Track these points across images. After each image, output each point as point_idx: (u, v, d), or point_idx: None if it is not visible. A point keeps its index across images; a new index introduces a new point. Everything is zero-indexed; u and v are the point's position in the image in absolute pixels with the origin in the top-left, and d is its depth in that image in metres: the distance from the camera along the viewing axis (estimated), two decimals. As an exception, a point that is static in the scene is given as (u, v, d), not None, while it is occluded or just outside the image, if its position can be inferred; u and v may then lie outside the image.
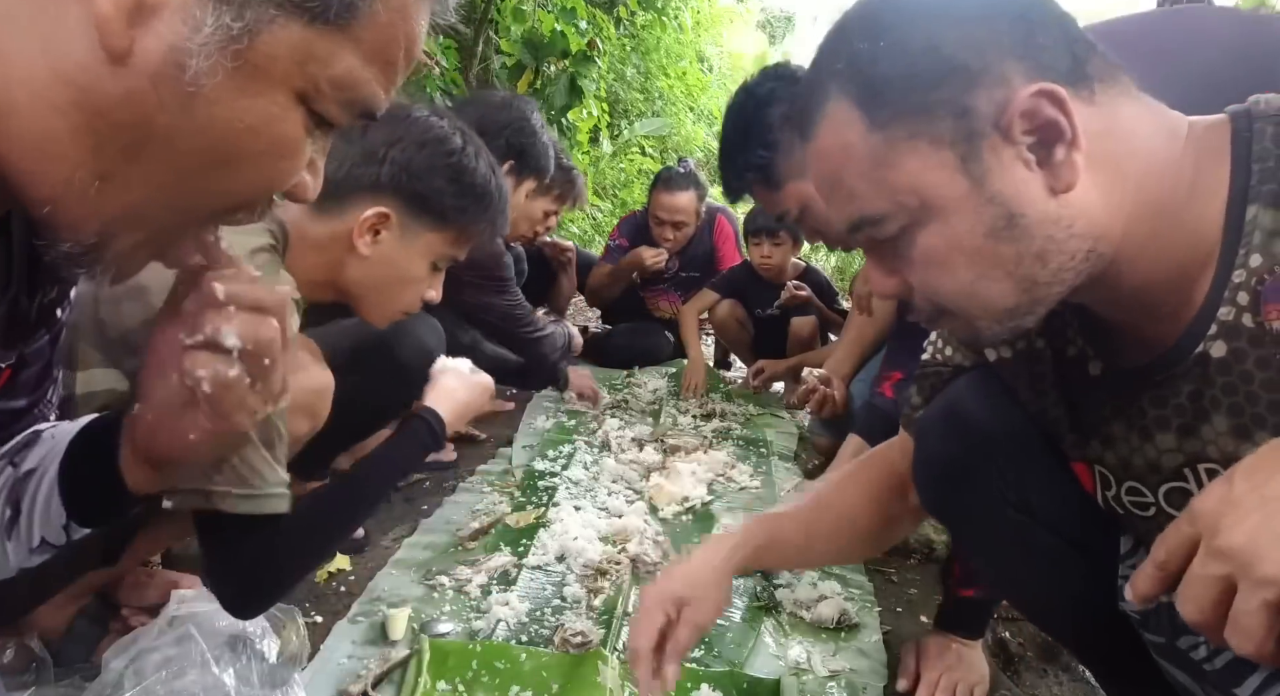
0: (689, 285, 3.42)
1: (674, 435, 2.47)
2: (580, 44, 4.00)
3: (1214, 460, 0.77)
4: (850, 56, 0.71)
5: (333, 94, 0.54)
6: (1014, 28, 0.68)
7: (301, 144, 0.56)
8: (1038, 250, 0.70)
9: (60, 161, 0.51)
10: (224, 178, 0.54)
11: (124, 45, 0.48)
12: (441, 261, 1.34)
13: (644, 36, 6.76)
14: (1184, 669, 0.93)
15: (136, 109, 0.50)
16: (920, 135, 0.69)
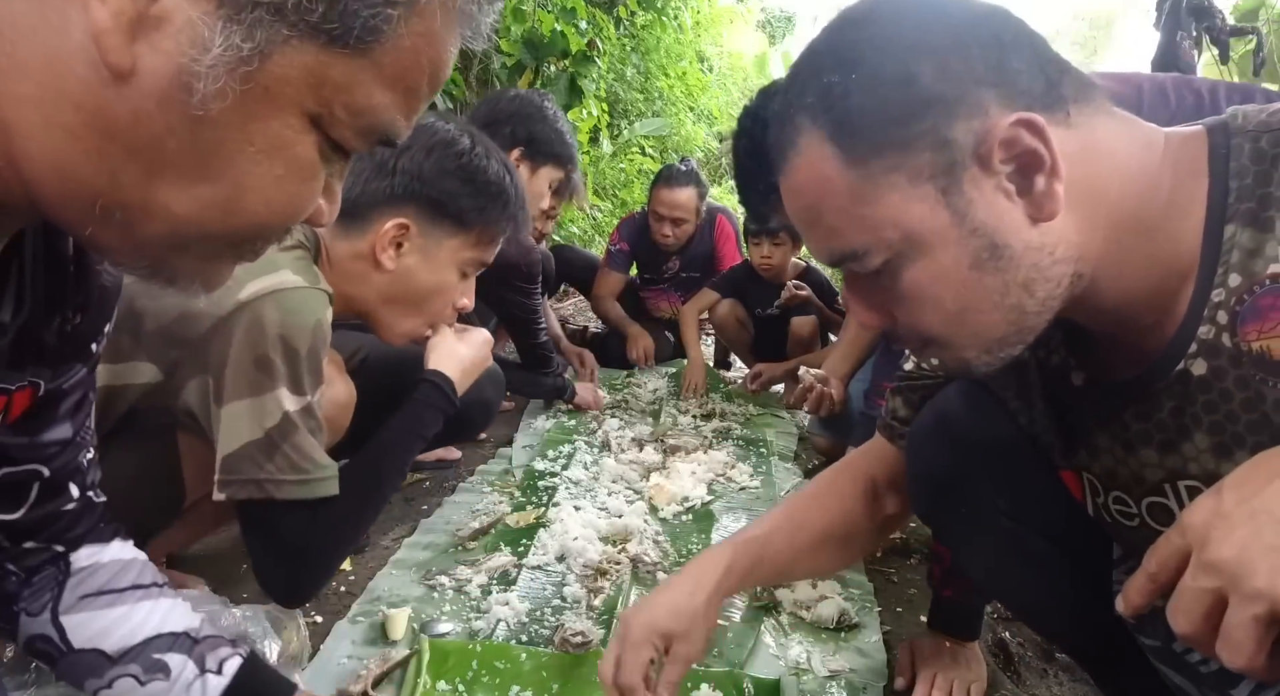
0: (689, 285, 3.42)
1: (674, 435, 2.47)
2: (580, 44, 4.00)
3: (1194, 477, 0.76)
4: (821, 90, 0.69)
5: (349, 120, 0.52)
6: (987, 54, 0.66)
7: (316, 168, 0.53)
8: (1023, 279, 0.69)
9: (83, 188, 0.49)
10: (242, 207, 0.52)
11: (126, 63, 0.46)
12: (470, 267, 1.32)
13: (644, 36, 6.76)
14: (1180, 671, 0.93)
15: (145, 133, 0.48)
16: (899, 169, 0.67)
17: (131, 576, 0.88)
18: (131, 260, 0.54)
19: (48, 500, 0.80)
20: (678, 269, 3.44)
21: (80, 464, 0.82)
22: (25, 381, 0.69)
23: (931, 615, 1.35)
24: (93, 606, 0.85)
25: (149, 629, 0.86)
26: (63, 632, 0.83)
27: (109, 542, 0.88)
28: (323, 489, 1.10)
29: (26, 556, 0.82)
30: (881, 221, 0.69)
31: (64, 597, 0.84)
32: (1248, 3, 2.90)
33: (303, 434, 1.09)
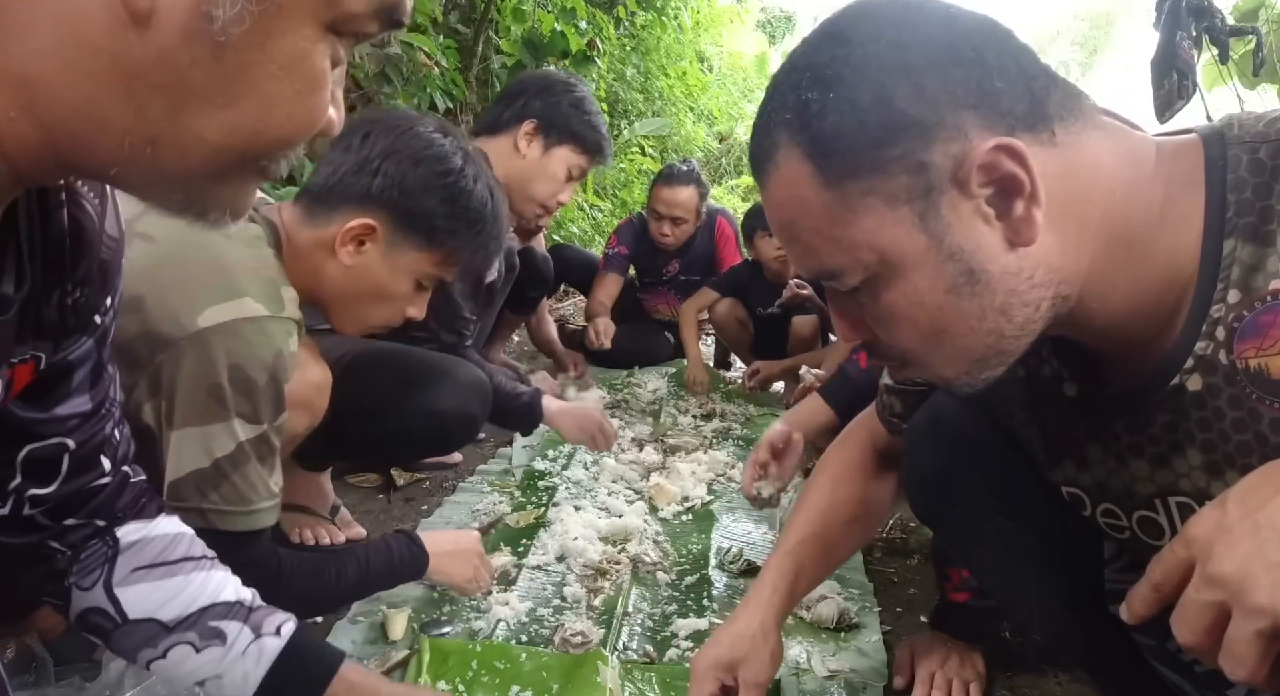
0: (689, 288, 3.40)
1: (674, 435, 2.47)
2: (580, 44, 4.00)
3: (1185, 493, 0.76)
4: (799, 106, 0.68)
5: (364, 12, 0.54)
6: (968, 74, 0.65)
7: (328, 76, 0.56)
8: (1000, 304, 0.68)
9: (109, 127, 0.51)
10: (270, 125, 0.54)
11: (145, 6, 0.48)
12: (427, 281, 1.31)
13: (644, 36, 6.75)
14: (1175, 670, 0.93)
15: (171, 68, 0.49)
16: (875, 192, 0.66)
17: (183, 549, 0.90)
18: (164, 194, 0.56)
19: (80, 473, 0.81)
20: (677, 271, 3.43)
21: (110, 437, 0.83)
22: (27, 355, 0.69)
23: (937, 616, 1.35)
24: (147, 578, 0.87)
25: (205, 598, 0.88)
26: (117, 604, 0.85)
27: (155, 518, 0.90)
28: (258, 520, 1.10)
29: (69, 533, 0.84)
30: (857, 243, 0.68)
31: (116, 570, 0.86)
32: (1248, 3, 2.90)
33: (253, 464, 1.09)
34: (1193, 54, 2.48)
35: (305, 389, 1.28)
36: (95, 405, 0.79)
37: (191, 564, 0.90)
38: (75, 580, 0.85)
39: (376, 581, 1.30)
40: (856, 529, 1.16)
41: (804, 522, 1.12)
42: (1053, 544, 0.99)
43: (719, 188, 7.76)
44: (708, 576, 1.62)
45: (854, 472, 1.16)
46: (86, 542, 0.85)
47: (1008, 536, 1.00)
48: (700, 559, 1.70)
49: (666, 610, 1.50)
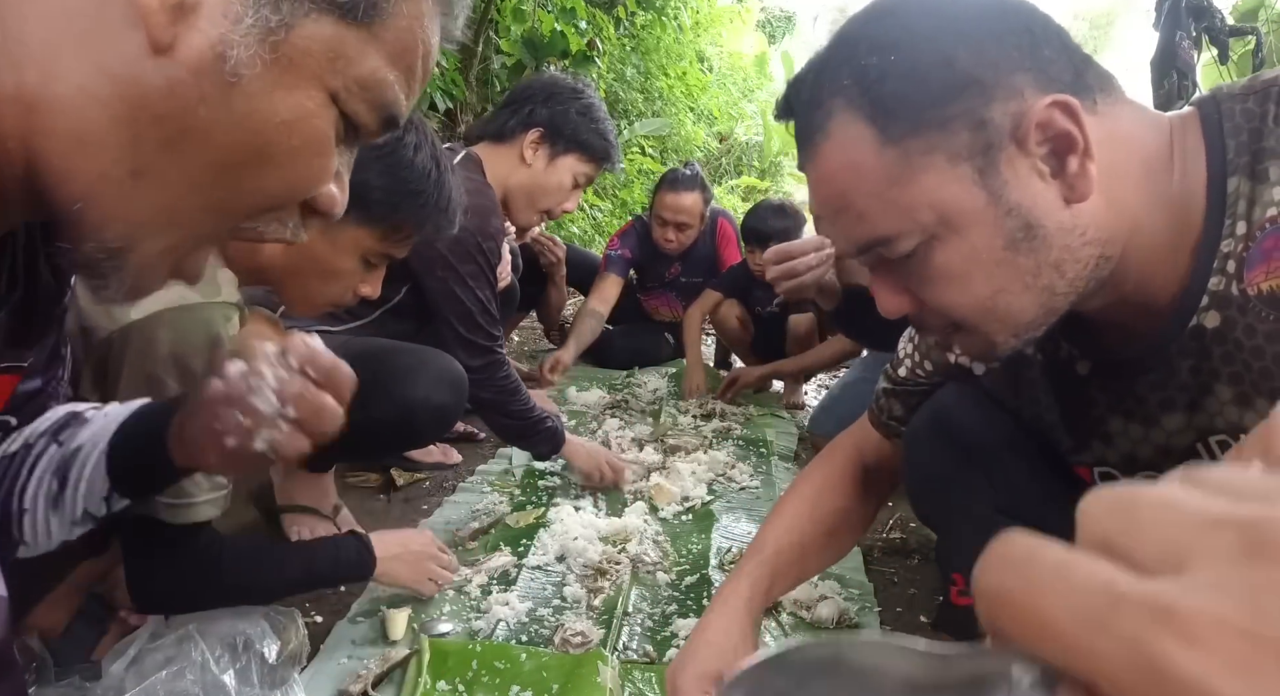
0: (690, 290, 3.40)
1: (674, 435, 2.47)
2: (580, 44, 4.00)
3: (1222, 431, 0.77)
4: (858, 72, 0.69)
5: (361, 93, 0.57)
6: (1020, 41, 0.68)
7: (331, 144, 0.57)
8: (1055, 260, 0.70)
9: (97, 153, 0.52)
10: (257, 174, 0.55)
11: (168, 38, 0.50)
12: (375, 258, 1.28)
13: (644, 36, 6.76)
14: None
15: (178, 100, 0.51)
16: (937, 150, 0.68)
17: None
18: (107, 236, 0.54)
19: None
20: (679, 274, 3.43)
21: (44, 412, 0.82)
22: (22, 363, 0.70)
23: (940, 618, 1.35)
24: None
25: (67, 409, 0.82)
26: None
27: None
28: (196, 513, 1.07)
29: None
30: (916, 203, 0.69)
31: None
32: (1248, 3, 2.90)
33: None
34: (1193, 54, 2.48)
35: None
36: (44, 382, 0.79)
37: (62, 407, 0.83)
38: None
39: (318, 579, 1.27)
40: (834, 542, 1.12)
41: (783, 531, 1.09)
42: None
43: (719, 187, 7.76)
44: (708, 576, 1.62)
45: (837, 485, 1.13)
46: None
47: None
48: (700, 559, 1.70)
49: (666, 610, 1.50)
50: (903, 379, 1.08)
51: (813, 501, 1.12)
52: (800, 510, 1.12)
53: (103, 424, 0.81)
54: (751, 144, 9.02)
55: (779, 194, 8.65)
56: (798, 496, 1.14)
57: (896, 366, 1.10)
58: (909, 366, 1.07)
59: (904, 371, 1.08)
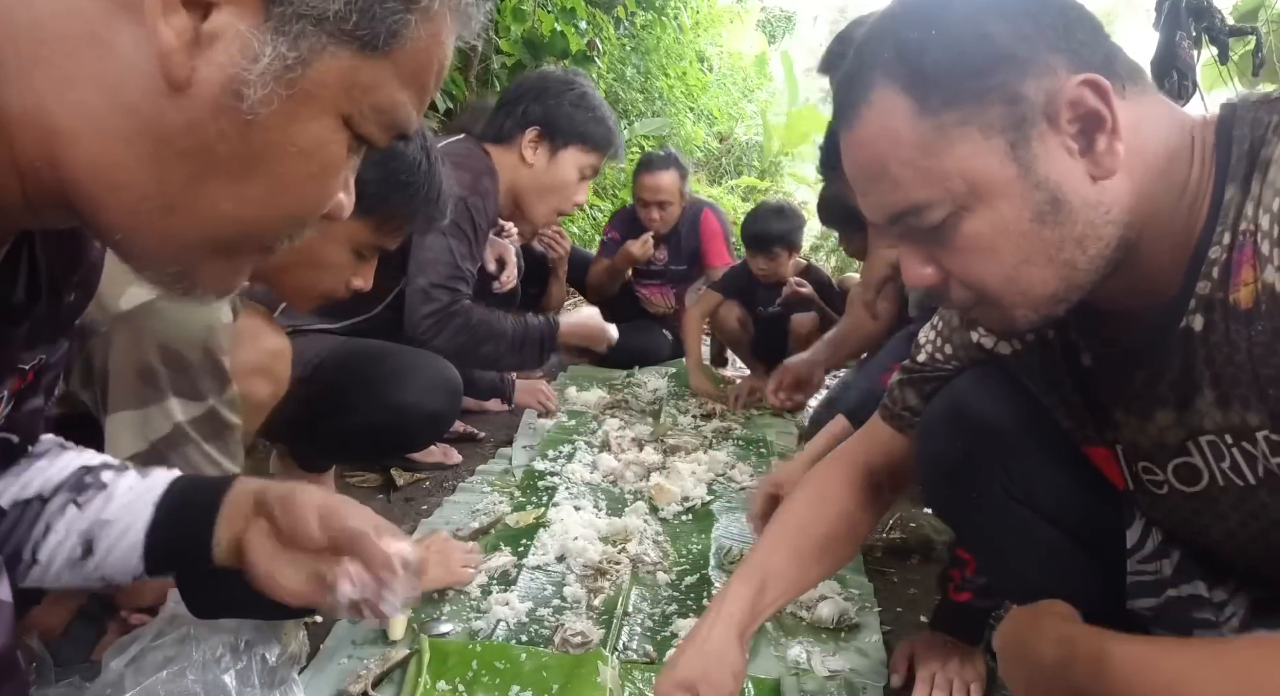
0: (679, 278, 3.48)
1: (674, 435, 2.47)
2: (580, 44, 4.00)
3: (1209, 432, 0.79)
4: (899, 45, 0.72)
5: (375, 117, 0.57)
6: (1055, 21, 0.71)
7: (344, 164, 0.58)
8: (1079, 235, 0.72)
9: (129, 190, 0.52)
10: (282, 202, 0.56)
11: (184, 75, 0.50)
12: (367, 250, 1.28)
13: (644, 36, 6.75)
14: None
15: (197, 138, 0.51)
16: (972, 121, 0.71)
17: (45, 444, 0.85)
18: (162, 264, 0.57)
19: (4, 462, 0.80)
20: (666, 260, 3.47)
21: (38, 431, 0.83)
22: (36, 360, 0.71)
23: (938, 616, 1.35)
24: (14, 472, 0.81)
25: (79, 462, 0.84)
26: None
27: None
28: None
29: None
30: (949, 172, 0.72)
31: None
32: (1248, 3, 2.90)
33: (194, 445, 1.07)
34: (1193, 54, 2.48)
35: (262, 357, 1.27)
36: (45, 401, 0.80)
37: (58, 448, 0.86)
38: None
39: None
40: (834, 547, 1.11)
41: (779, 537, 1.08)
42: (1072, 533, 0.99)
43: (719, 188, 7.76)
44: (708, 576, 1.62)
45: (841, 490, 1.12)
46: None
47: (1025, 525, 1.00)
48: (700, 559, 1.70)
49: (666, 610, 1.50)
50: (921, 365, 1.08)
51: (812, 505, 1.11)
52: (800, 514, 1.11)
53: (130, 500, 0.82)
54: (751, 144, 9.02)
55: (779, 194, 8.65)
56: (798, 500, 1.13)
57: (915, 353, 1.10)
58: (929, 352, 1.08)
59: (923, 357, 1.08)
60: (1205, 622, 0.93)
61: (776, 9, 12.15)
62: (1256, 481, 0.78)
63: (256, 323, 1.25)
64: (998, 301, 0.77)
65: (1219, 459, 0.81)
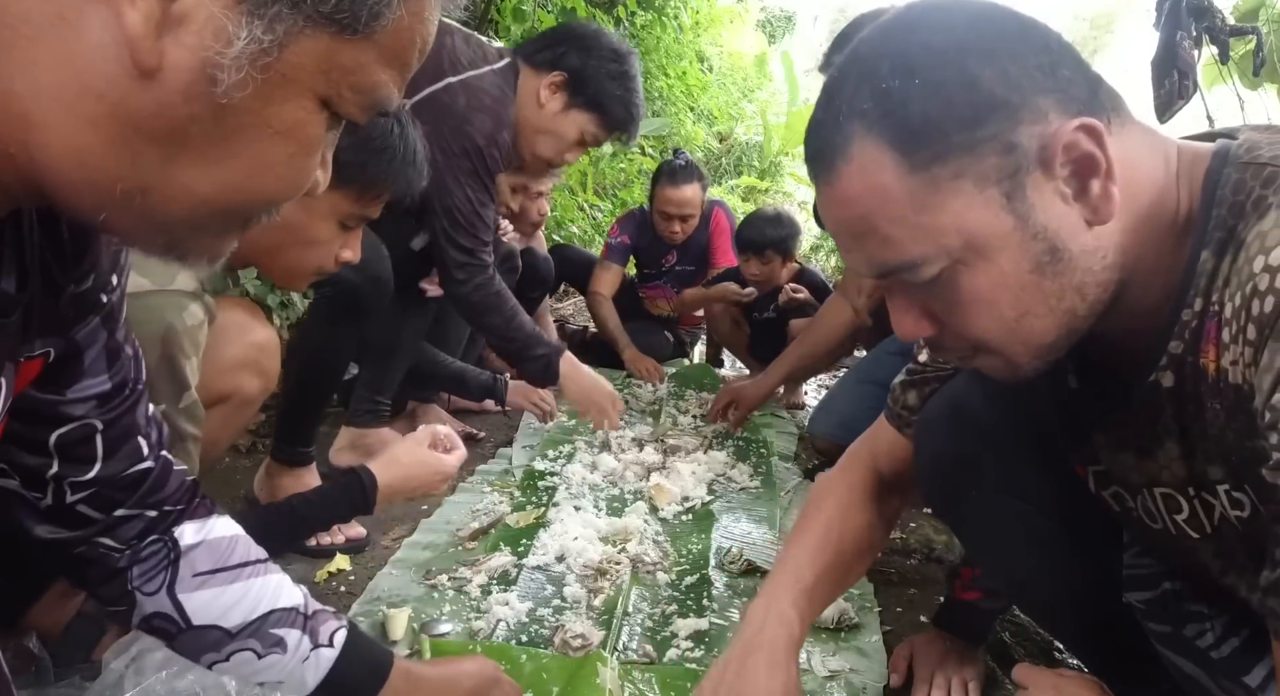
0: (685, 279, 3.47)
1: (674, 435, 2.47)
2: (580, 44, 4.00)
3: (1167, 484, 0.79)
4: (878, 95, 0.67)
5: (354, 98, 0.56)
6: (1041, 61, 0.67)
7: (322, 142, 0.58)
8: (1078, 283, 0.70)
9: (101, 174, 0.51)
10: (259, 184, 0.56)
11: (153, 60, 0.48)
12: (351, 221, 1.28)
13: (644, 36, 6.74)
14: (1190, 658, 0.93)
15: (169, 122, 0.50)
16: (965, 174, 0.67)
17: (241, 553, 0.92)
18: (148, 240, 0.58)
19: (116, 454, 0.81)
20: (674, 262, 3.47)
21: (138, 419, 0.83)
22: (36, 352, 0.70)
23: (941, 614, 1.35)
24: (210, 584, 0.88)
25: (265, 605, 0.90)
26: (181, 610, 0.86)
27: (208, 518, 0.91)
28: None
29: (122, 526, 0.84)
30: (944, 228, 0.68)
31: (180, 576, 0.87)
32: (1248, 3, 2.89)
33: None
34: (1193, 54, 2.47)
35: (249, 351, 1.27)
36: (115, 385, 0.79)
37: (249, 569, 0.91)
38: (138, 585, 0.86)
39: (325, 512, 1.28)
40: (865, 559, 1.11)
41: (819, 555, 1.04)
42: (1068, 529, 0.99)
43: (719, 188, 7.75)
44: (708, 576, 1.62)
45: (862, 500, 1.10)
46: (144, 540, 0.85)
47: (1022, 520, 1.00)
48: (700, 559, 1.70)
49: (666, 610, 1.49)
50: (922, 365, 1.08)
51: (842, 519, 1.08)
52: (834, 532, 1.06)
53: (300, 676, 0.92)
54: (751, 144, 9.02)
55: (779, 194, 8.65)
56: (826, 515, 1.08)
57: (917, 353, 1.10)
58: (929, 352, 1.08)
59: (924, 357, 1.08)
60: (1197, 615, 0.93)
61: (776, 9, 12.15)
62: (1212, 530, 0.79)
63: (241, 316, 1.24)
64: (999, 352, 0.75)
65: (1172, 511, 0.82)
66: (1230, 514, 0.75)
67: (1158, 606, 0.96)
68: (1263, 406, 0.61)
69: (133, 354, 0.82)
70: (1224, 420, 0.69)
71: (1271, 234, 0.62)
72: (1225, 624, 0.91)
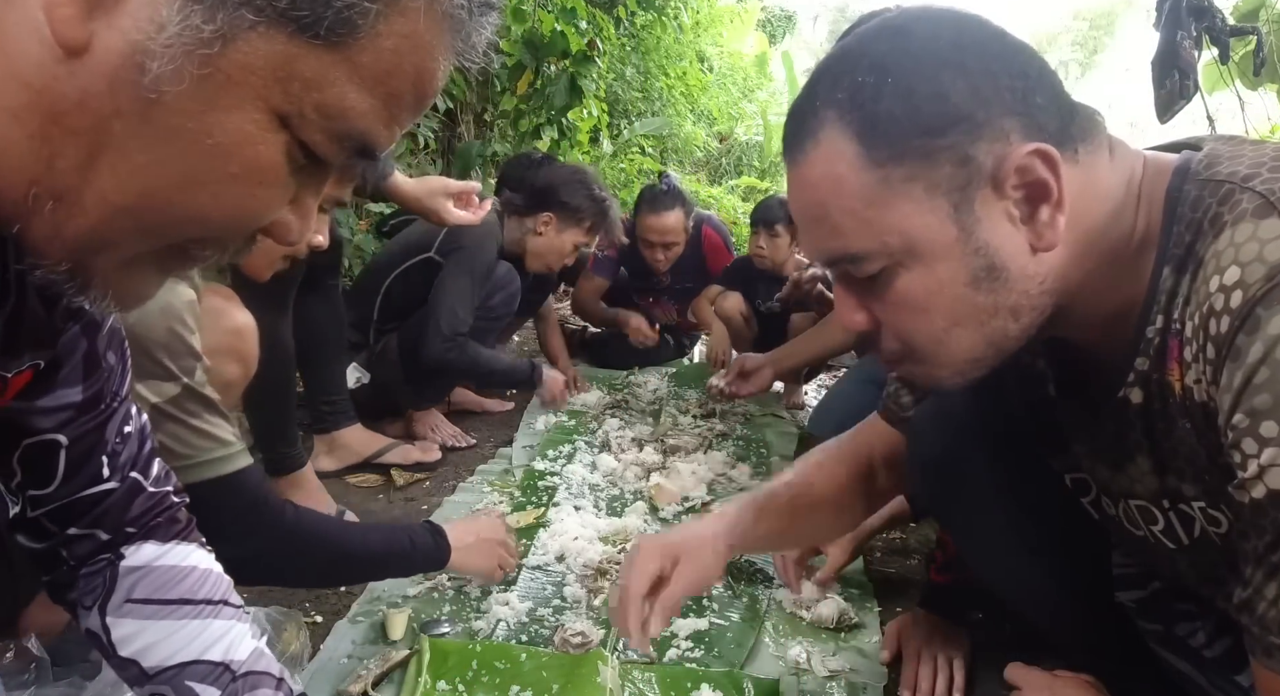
0: (684, 295, 3.44)
1: (674, 435, 2.47)
2: (580, 44, 4.00)
3: (1141, 497, 0.81)
4: (853, 88, 0.70)
5: (320, 122, 0.48)
6: (1015, 85, 0.68)
7: (280, 172, 0.50)
8: (1012, 304, 0.72)
9: (19, 175, 0.46)
10: (189, 202, 0.48)
11: (80, 38, 0.44)
12: (326, 203, 1.28)
13: (644, 36, 6.74)
14: (1183, 656, 0.94)
15: (90, 114, 0.45)
16: (918, 179, 0.69)
17: (185, 588, 0.84)
18: (54, 260, 0.50)
19: (77, 473, 0.77)
20: (670, 282, 3.43)
21: (107, 435, 0.79)
22: (24, 366, 0.68)
23: (924, 596, 1.40)
24: (137, 614, 0.81)
25: (190, 653, 0.82)
26: (108, 634, 0.81)
27: (171, 544, 0.85)
28: (213, 469, 1.08)
29: (73, 544, 0.81)
30: (888, 227, 0.70)
31: (113, 596, 0.81)
32: (1248, 3, 2.89)
33: (179, 422, 1.07)
34: (1194, 54, 2.47)
35: (226, 337, 1.27)
36: (89, 397, 0.75)
37: (191, 608, 0.83)
38: (78, 597, 0.82)
39: (397, 562, 1.30)
40: (825, 512, 1.16)
41: (787, 479, 1.16)
42: (1058, 529, 1.00)
43: (719, 188, 7.75)
44: (708, 576, 1.61)
45: (837, 465, 1.17)
46: (92, 557, 0.82)
47: (1013, 522, 1.02)
48: (700, 559, 1.70)
49: (666, 610, 1.49)
50: (895, 371, 1.10)
51: (820, 468, 1.17)
52: (807, 470, 1.18)
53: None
54: (751, 144, 9.02)
55: (779, 194, 8.64)
56: (810, 460, 1.20)
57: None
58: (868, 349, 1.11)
59: None
60: (1188, 615, 0.94)
61: (777, 9, 12.15)
62: (1190, 542, 0.80)
63: (217, 302, 1.24)
64: (924, 359, 0.76)
65: (1149, 522, 0.83)
66: (1210, 530, 0.76)
67: (1149, 606, 0.97)
68: (1225, 425, 0.63)
69: (114, 365, 0.77)
70: (1195, 439, 0.70)
71: (1226, 253, 0.64)
72: (1215, 623, 0.91)
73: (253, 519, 1.12)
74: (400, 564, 1.31)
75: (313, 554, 1.19)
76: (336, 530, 1.24)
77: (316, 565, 1.21)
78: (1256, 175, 0.66)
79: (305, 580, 1.32)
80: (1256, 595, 0.63)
